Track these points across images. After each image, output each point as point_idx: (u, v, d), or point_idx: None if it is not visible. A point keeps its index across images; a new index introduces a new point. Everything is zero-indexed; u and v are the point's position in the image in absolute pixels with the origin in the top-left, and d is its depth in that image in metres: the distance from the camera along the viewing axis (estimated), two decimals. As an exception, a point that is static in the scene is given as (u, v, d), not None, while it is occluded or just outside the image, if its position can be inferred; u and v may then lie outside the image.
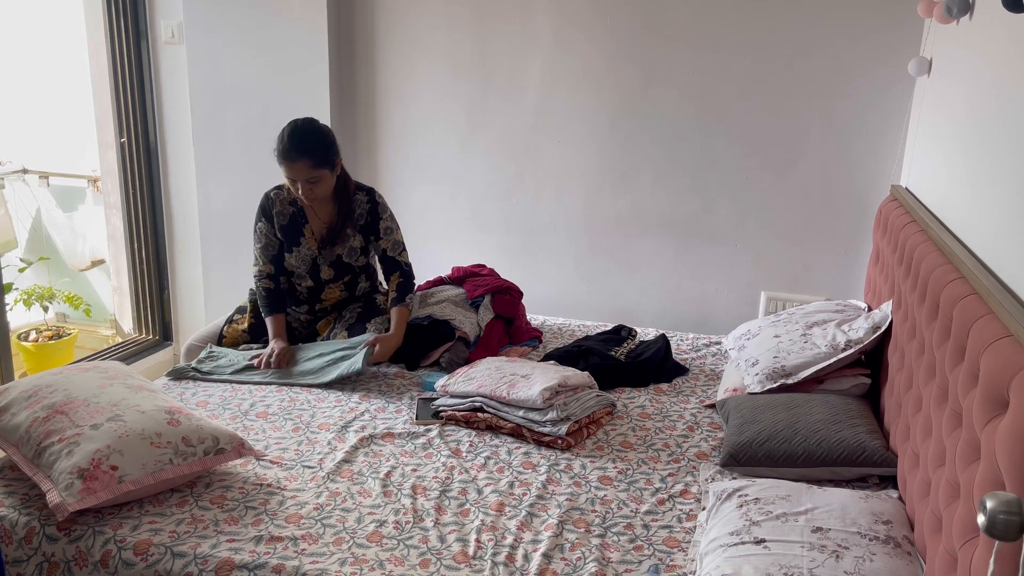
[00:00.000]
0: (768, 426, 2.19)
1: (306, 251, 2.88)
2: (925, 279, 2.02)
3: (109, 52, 3.76)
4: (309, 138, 2.69)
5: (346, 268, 2.93)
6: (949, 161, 2.40)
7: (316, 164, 2.68)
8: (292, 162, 2.66)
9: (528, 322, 3.28)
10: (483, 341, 2.99)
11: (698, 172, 3.47)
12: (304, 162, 2.66)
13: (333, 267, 2.91)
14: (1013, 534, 0.95)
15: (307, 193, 2.72)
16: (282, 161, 2.68)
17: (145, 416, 2.03)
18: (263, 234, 2.88)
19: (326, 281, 2.93)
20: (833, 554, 1.61)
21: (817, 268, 3.45)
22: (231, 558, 1.76)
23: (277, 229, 2.86)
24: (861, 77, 3.20)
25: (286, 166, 2.68)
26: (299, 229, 2.87)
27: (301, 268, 2.90)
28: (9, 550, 1.86)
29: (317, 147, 2.70)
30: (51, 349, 4.07)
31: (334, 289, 2.97)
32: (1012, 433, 1.24)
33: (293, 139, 2.66)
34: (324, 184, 2.74)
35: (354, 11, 3.67)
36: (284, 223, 2.86)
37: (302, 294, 2.97)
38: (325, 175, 2.73)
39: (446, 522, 1.94)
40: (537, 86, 3.55)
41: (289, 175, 2.71)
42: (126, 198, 3.93)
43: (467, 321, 2.99)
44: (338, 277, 2.94)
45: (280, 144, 2.67)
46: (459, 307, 3.06)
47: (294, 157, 2.66)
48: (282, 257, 2.90)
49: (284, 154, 2.66)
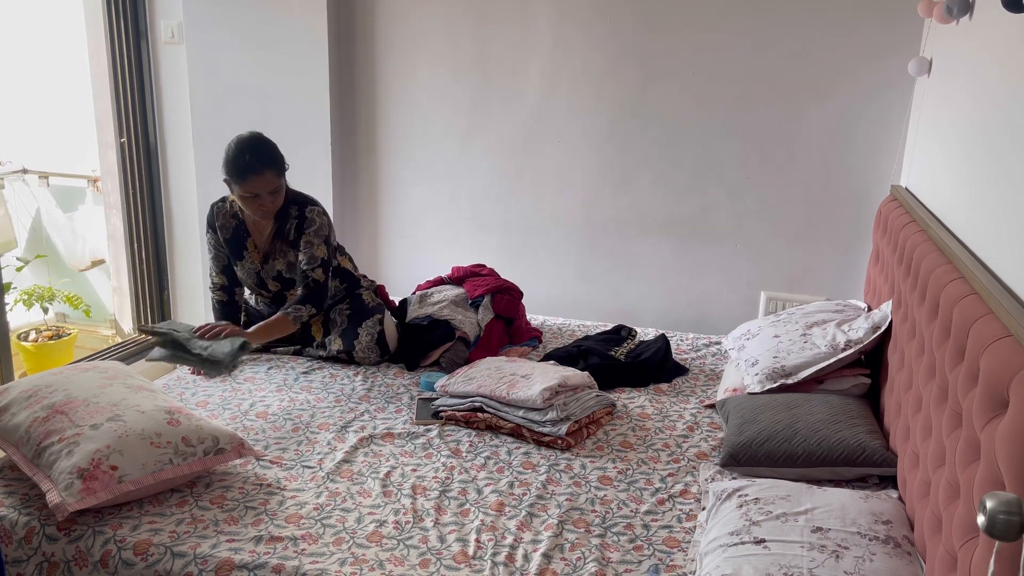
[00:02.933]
0: (768, 426, 2.19)
1: (250, 265, 2.84)
2: (925, 279, 2.02)
3: (109, 52, 3.76)
4: (267, 148, 2.64)
5: (289, 283, 2.86)
6: (949, 161, 2.40)
7: (279, 173, 2.65)
8: (259, 174, 2.59)
9: (528, 322, 3.28)
10: (483, 341, 2.99)
11: (698, 172, 3.47)
12: (271, 172, 2.61)
13: (277, 280, 2.86)
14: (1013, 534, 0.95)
15: (269, 206, 2.66)
16: (247, 175, 2.58)
17: (145, 416, 2.03)
18: (211, 245, 2.86)
19: (275, 292, 2.89)
20: (833, 554, 1.61)
21: (817, 268, 3.45)
22: (231, 558, 1.76)
23: (223, 241, 2.83)
24: (861, 77, 3.20)
25: (253, 179, 2.59)
26: (242, 243, 2.82)
27: (249, 281, 2.87)
28: (9, 550, 1.86)
29: (275, 156, 2.65)
30: (51, 349, 4.07)
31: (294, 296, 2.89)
32: (1012, 433, 1.24)
33: (256, 152, 2.60)
34: (281, 194, 2.70)
35: (354, 11, 3.67)
36: (228, 236, 2.82)
37: (266, 303, 2.95)
38: (283, 184, 2.69)
39: (446, 522, 1.94)
40: (537, 86, 3.55)
41: (254, 189, 2.61)
42: (126, 198, 3.93)
43: (467, 321, 2.99)
44: (283, 290, 2.88)
45: (240, 159, 2.58)
46: (459, 307, 3.06)
47: (261, 169, 2.59)
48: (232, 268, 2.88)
49: (249, 168, 2.58)
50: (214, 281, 2.89)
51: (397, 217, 3.87)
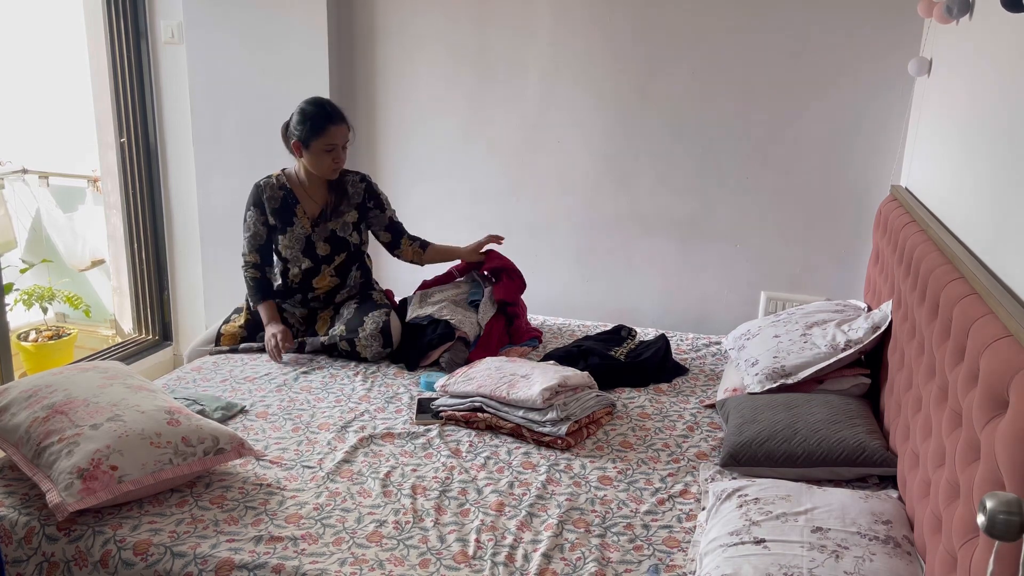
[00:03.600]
0: (768, 426, 2.19)
1: (299, 230, 2.94)
2: (925, 279, 2.02)
3: (109, 52, 3.76)
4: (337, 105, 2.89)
5: (341, 243, 3.00)
6: (949, 161, 2.40)
7: (350, 127, 2.88)
8: (339, 124, 2.82)
9: (528, 322, 3.28)
10: (483, 341, 2.99)
11: (698, 172, 3.47)
12: (346, 125, 2.85)
13: (328, 242, 2.97)
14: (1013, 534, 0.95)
15: (342, 160, 2.88)
16: (328, 125, 2.79)
17: (145, 416, 2.03)
18: (252, 223, 2.96)
19: (322, 258, 2.97)
20: (833, 554, 1.61)
21: (817, 268, 3.45)
22: (231, 558, 1.76)
23: (270, 214, 2.94)
24: (861, 77, 3.20)
25: (334, 130, 2.81)
26: (291, 210, 2.95)
27: (295, 248, 2.95)
28: (9, 550, 1.86)
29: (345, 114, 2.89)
30: (51, 349, 4.07)
31: (325, 275, 2.99)
32: (1012, 433, 1.24)
33: (332, 106, 2.84)
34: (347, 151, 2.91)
35: (354, 11, 3.67)
36: (276, 207, 2.94)
37: (293, 282, 2.98)
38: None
39: (446, 522, 1.94)
40: (537, 86, 3.55)
41: (334, 140, 2.82)
42: (126, 198, 3.93)
43: (466, 321, 2.99)
44: (333, 253, 2.99)
45: (322, 111, 2.81)
46: (459, 307, 3.06)
47: (339, 120, 2.82)
48: (269, 248, 2.99)
49: (330, 117, 2.80)
50: (247, 260, 2.99)
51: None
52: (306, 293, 3.00)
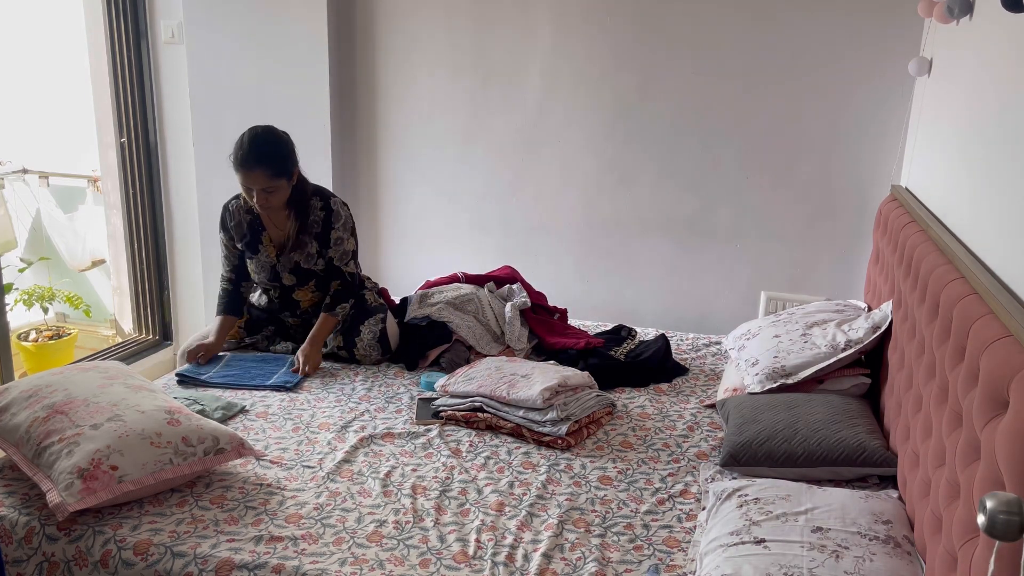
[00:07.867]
0: (768, 426, 2.19)
1: (265, 258, 2.86)
2: (925, 279, 2.02)
3: (109, 52, 3.76)
4: (268, 147, 2.65)
5: (306, 274, 2.88)
6: (949, 161, 2.40)
7: (273, 174, 2.64)
8: (249, 170, 2.61)
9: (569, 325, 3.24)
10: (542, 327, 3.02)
11: (698, 172, 3.47)
12: (261, 171, 2.62)
13: (293, 273, 2.87)
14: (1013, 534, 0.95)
15: (262, 202, 2.67)
16: (239, 168, 2.63)
17: (145, 416, 2.03)
18: (222, 244, 2.91)
19: (289, 287, 2.91)
20: (833, 554, 1.61)
21: (817, 268, 3.45)
22: (231, 558, 1.76)
23: (237, 239, 2.87)
24: (861, 77, 3.20)
25: (242, 174, 2.63)
26: (257, 237, 2.85)
27: (263, 275, 2.88)
28: (9, 550, 1.86)
29: (275, 157, 2.66)
30: (51, 349, 4.07)
31: (304, 291, 2.92)
32: (1012, 433, 1.24)
33: (252, 147, 2.62)
34: (279, 194, 2.70)
35: (354, 11, 3.67)
36: (243, 232, 2.86)
37: (274, 300, 2.96)
38: (281, 185, 2.69)
39: (446, 522, 1.94)
40: (537, 87, 3.55)
41: (245, 183, 2.66)
42: (126, 198, 3.93)
43: (463, 324, 2.99)
44: (300, 283, 2.90)
45: (238, 151, 2.62)
46: (457, 309, 3.06)
47: (251, 165, 2.61)
48: (244, 264, 2.92)
49: (242, 162, 2.61)
50: (223, 273, 2.95)
51: (397, 218, 3.87)
52: (293, 309, 2.97)
